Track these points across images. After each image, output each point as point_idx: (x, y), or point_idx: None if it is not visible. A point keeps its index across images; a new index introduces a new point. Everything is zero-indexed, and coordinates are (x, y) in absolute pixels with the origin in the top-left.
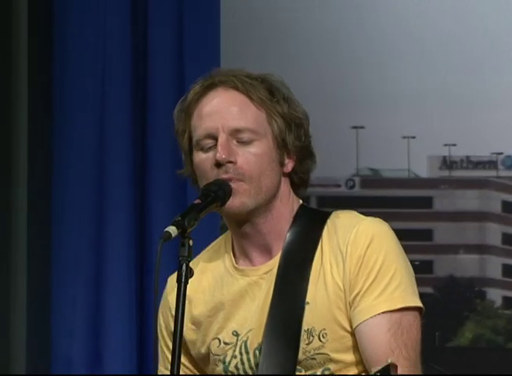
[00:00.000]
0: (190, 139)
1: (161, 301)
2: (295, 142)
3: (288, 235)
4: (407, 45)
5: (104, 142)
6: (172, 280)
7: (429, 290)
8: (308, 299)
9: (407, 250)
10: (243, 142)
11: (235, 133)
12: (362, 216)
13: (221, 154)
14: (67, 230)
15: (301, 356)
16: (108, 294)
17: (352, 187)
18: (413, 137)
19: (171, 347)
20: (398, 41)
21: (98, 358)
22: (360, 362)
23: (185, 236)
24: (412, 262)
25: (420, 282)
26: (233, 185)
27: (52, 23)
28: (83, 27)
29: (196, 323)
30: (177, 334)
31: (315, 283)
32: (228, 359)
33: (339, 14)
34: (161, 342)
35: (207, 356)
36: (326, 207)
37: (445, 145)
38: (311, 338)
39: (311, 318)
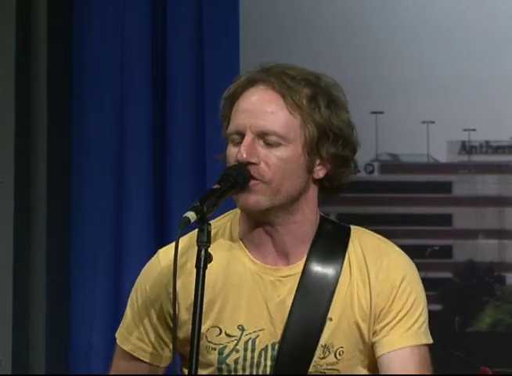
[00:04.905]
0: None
1: (150, 273)
2: (330, 150)
3: (313, 244)
4: (426, 30)
5: (123, 130)
6: (166, 254)
7: (448, 275)
8: (331, 315)
9: (426, 235)
10: (270, 145)
11: (262, 135)
12: (387, 241)
13: (241, 154)
14: (86, 218)
15: (310, 368)
16: (127, 282)
17: (371, 172)
18: (433, 122)
19: (153, 320)
20: (417, 25)
21: None
22: None
23: (203, 221)
24: (431, 247)
25: (439, 267)
26: (251, 182)
27: (72, 17)
28: (102, 17)
29: (190, 302)
30: (195, 325)
31: (342, 300)
32: (226, 351)
33: None
34: (142, 314)
35: None
36: (346, 193)
37: (465, 130)
38: (327, 353)
39: (331, 334)
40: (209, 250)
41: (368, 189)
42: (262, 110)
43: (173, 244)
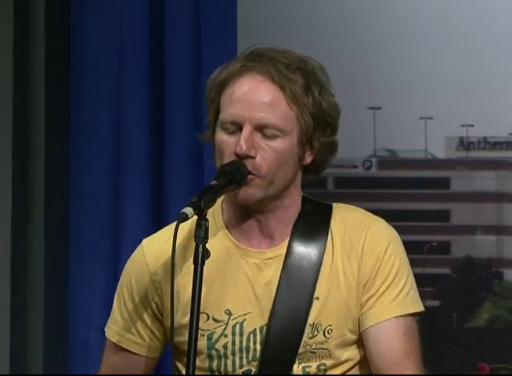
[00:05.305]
0: (217, 111)
1: (134, 263)
2: (321, 139)
3: (296, 224)
4: (425, 26)
5: (121, 128)
6: (150, 243)
7: (446, 271)
8: (317, 294)
9: (424, 230)
10: (267, 137)
11: (261, 127)
12: (370, 214)
13: (242, 147)
14: (84, 217)
15: (300, 348)
16: None
17: (369, 168)
18: (430, 118)
19: (139, 311)
20: (415, 22)
21: None
22: (353, 359)
23: (201, 217)
24: (429, 242)
25: (437, 263)
26: (248, 177)
27: (69, 15)
28: (100, 16)
29: (178, 292)
30: (193, 322)
31: (326, 278)
32: (215, 337)
33: None
34: (128, 305)
35: (183, 327)
36: (344, 189)
37: (463, 126)
38: (316, 332)
39: (318, 313)
40: (191, 235)
41: (366, 185)
42: (261, 101)
43: (157, 233)
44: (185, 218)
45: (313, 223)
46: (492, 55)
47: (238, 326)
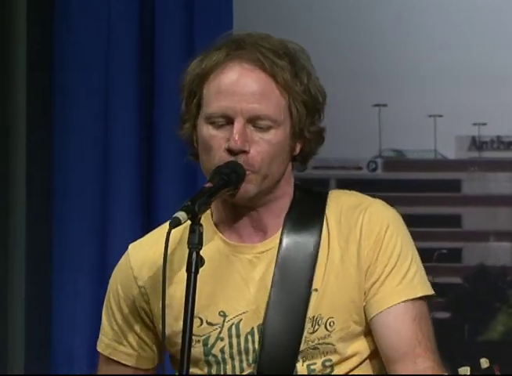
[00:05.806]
0: (199, 104)
1: (119, 270)
2: (310, 128)
3: (288, 214)
4: (434, 20)
5: (108, 125)
6: (135, 249)
7: (457, 280)
8: (315, 286)
9: (434, 237)
10: (260, 128)
11: (254, 119)
12: (367, 197)
13: (236, 143)
14: (69, 218)
15: (302, 345)
16: None
17: (374, 170)
18: (440, 116)
19: (127, 319)
20: (424, 15)
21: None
22: (362, 353)
23: (195, 222)
24: (439, 250)
25: (447, 271)
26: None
27: (53, 12)
28: (86, 9)
29: (169, 298)
30: (186, 331)
31: (324, 267)
32: (211, 341)
33: None
34: (116, 315)
35: (177, 335)
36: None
37: (475, 124)
38: (317, 326)
39: (318, 306)
40: (178, 238)
41: (371, 188)
42: (252, 91)
43: (143, 237)
44: (178, 223)
45: (306, 211)
46: (506, 49)
47: (234, 327)
